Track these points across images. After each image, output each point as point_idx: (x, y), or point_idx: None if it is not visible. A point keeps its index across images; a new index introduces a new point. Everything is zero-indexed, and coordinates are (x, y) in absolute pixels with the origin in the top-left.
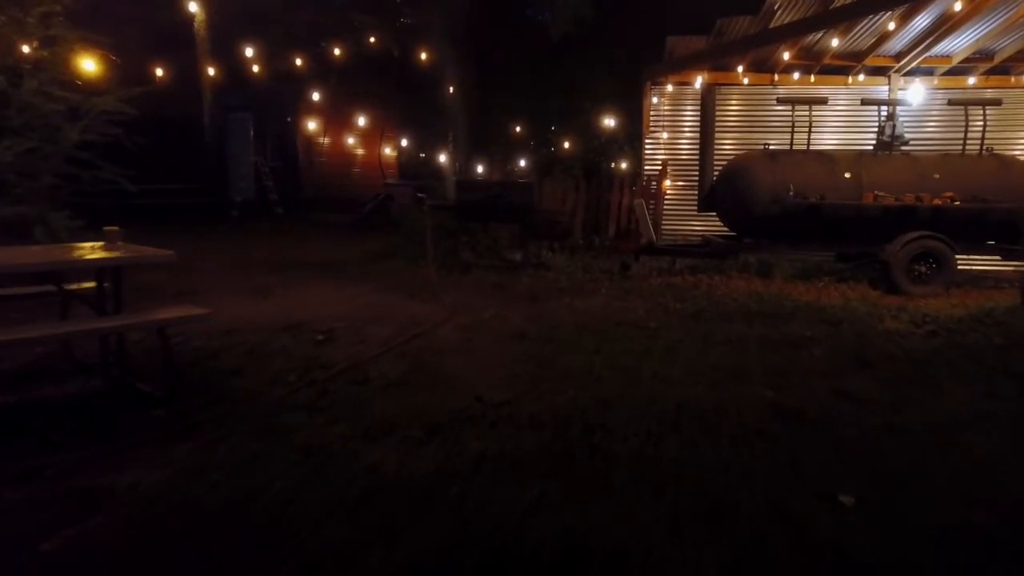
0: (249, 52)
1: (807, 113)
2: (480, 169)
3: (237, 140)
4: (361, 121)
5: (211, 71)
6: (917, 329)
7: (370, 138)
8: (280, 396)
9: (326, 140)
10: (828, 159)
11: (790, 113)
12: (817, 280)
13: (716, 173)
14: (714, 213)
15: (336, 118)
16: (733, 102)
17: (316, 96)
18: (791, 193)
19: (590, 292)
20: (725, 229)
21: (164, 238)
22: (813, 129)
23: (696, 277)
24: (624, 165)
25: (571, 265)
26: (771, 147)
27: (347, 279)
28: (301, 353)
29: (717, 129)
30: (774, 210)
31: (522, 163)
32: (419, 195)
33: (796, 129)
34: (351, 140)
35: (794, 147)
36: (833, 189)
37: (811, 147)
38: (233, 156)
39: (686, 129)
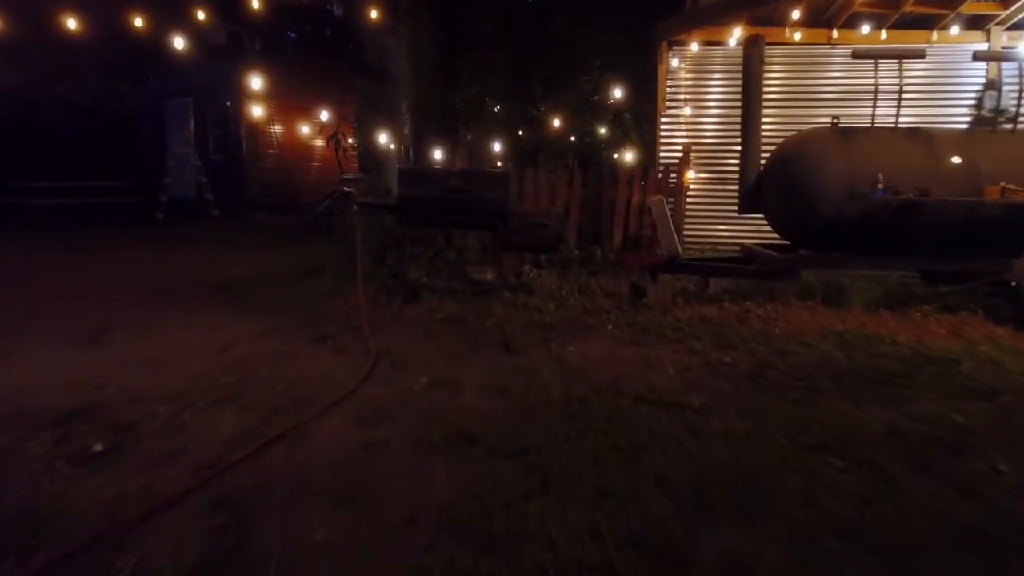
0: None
1: (896, 73)
2: (439, 155)
3: (173, 130)
4: (316, 107)
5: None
6: None
7: (330, 127)
8: None
9: (277, 129)
10: (927, 139)
11: (855, 80)
12: (910, 310)
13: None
14: (752, 215)
15: (289, 104)
16: (775, 68)
17: (260, 76)
18: (880, 186)
19: (590, 331)
20: (766, 235)
21: (37, 250)
22: (869, 102)
23: (740, 306)
24: (628, 153)
25: (563, 287)
26: (841, 123)
27: (243, 309)
28: (16, 497)
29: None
30: (851, 210)
31: (497, 147)
32: (345, 190)
33: (879, 97)
34: (307, 129)
35: (875, 123)
36: (938, 180)
37: (880, 123)
38: (169, 149)
39: (711, 104)
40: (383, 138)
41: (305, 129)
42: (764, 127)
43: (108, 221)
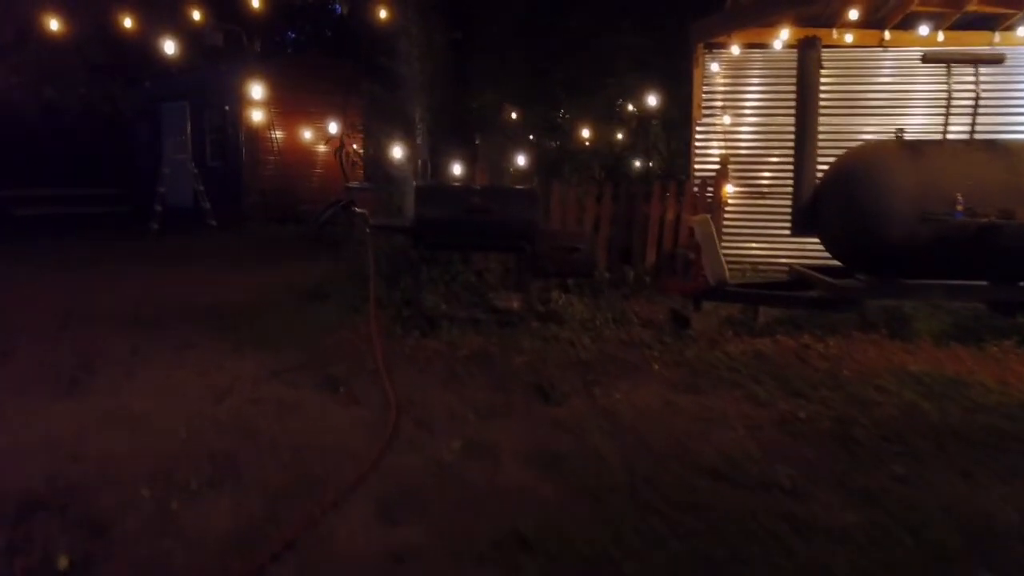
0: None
1: (973, 79)
2: (456, 170)
3: (169, 135)
4: (319, 111)
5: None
6: None
7: (336, 139)
8: None
9: (278, 134)
10: (1005, 153)
11: (909, 86)
12: (984, 343)
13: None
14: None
15: (290, 108)
16: (821, 72)
17: (260, 79)
18: (959, 208)
19: (634, 371)
20: (810, 254)
21: (21, 266)
22: (924, 111)
23: (796, 339)
24: (660, 164)
25: (596, 316)
26: (905, 135)
27: (240, 343)
28: None
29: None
30: (923, 232)
31: (520, 160)
32: (357, 210)
33: (927, 105)
34: (309, 134)
35: (942, 134)
36: (1021, 200)
37: (946, 135)
38: (165, 155)
39: (748, 112)
40: (396, 150)
41: (307, 134)
42: None
43: (99, 232)
